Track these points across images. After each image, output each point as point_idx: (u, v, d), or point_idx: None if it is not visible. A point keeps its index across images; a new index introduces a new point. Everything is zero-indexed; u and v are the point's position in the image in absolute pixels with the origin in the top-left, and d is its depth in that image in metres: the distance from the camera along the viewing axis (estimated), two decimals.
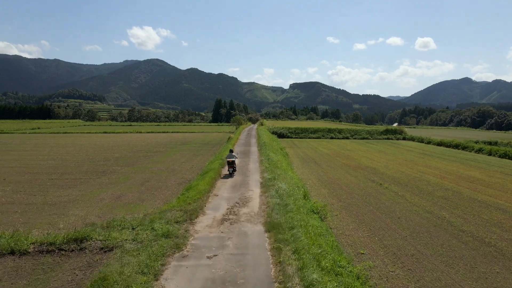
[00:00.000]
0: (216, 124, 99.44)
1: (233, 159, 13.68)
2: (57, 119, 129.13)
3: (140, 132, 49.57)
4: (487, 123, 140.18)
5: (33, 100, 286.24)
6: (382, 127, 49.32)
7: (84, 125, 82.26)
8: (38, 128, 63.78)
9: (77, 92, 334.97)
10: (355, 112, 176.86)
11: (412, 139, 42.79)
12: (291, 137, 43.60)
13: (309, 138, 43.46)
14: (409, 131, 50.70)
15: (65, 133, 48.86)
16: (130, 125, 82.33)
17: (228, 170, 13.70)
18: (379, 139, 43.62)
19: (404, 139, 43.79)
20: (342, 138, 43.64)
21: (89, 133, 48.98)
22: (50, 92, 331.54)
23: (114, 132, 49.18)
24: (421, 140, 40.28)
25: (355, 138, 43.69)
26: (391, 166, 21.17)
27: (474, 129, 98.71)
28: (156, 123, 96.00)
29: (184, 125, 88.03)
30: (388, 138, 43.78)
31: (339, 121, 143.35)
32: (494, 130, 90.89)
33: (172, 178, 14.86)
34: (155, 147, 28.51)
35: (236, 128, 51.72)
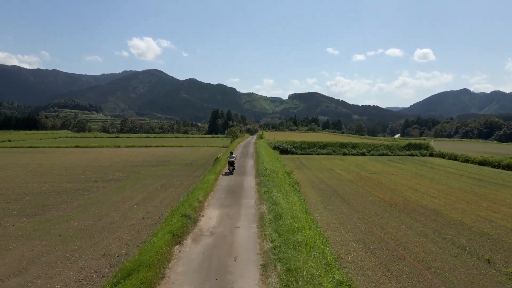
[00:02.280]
0: (211, 135, 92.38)
1: (233, 160, 16.61)
2: (44, 130, 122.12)
3: (118, 147, 42.23)
4: (495, 134, 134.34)
5: (28, 110, 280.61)
6: (403, 141, 42.09)
7: (66, 137, 74.95)
8: (9, 141, 56.37)
9: (73, 102, 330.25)
10: (358, 123, 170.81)
11: (441, 155, 35.65)
12: (296, 153, 36.40)
13: (318, 154, 36.27)
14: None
15: (30, 147, 41.50)
16: (117, 137, 75.10)
17: (229, 168, 16.44)
18: (402, 155, 36.46)
19: (431, 155, 36.63)
20: (357, 154, 36.44)
21: (59, 147, 41.63)
22: (48, 102, 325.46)
23: (87, 147, 41.82)
24: (454, 157, 33.16)
25: (372, 155, 36.51)
26: (459, 206, 13.89)
27: (491, 141, 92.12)
28: (146, 135, 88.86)
29: (175, 137, 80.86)
30: (412, 155, 36.59)
31: (342, 132, 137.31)
32: (510, 143, 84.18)
33: (84, 256, 7.46)
34: (118, 170, 21.18)
35: (231, 142, 44.46)
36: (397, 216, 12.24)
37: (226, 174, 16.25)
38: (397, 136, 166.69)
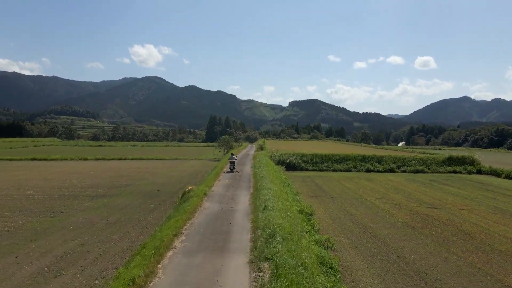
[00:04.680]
0: (206, 144, 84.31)
1: (233, 160, 19.70)
2: (29, 137, 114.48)
3: (85, 159, 34.24)
4: (507, 142, 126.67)
5: (24, 116, 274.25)
6: (441, 154, 33.55)
7: (42, 145, 67.01)
8: None
9: (70, 108, 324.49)
10: (363, 130, 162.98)
11: (494, 173, 27.57)
12: (307, 169, 28.34)
13: (334, 170, 28.24)
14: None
15: None
16: (100, 146, 67.18)
17: (230, 167, 19.53)
18: (442, 172, 28.35)
19: (479, 172, 28.56)
20: (384, 171, 28.40)
21: (11, 160, 33.67)
22: (46, 109, 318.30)
23: (45, 159, 33.83)
24: None
25: (404, 171, 28.43)
26: None
27: (507, 150, 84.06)
28: (133, 143, 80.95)
29: (166, 145, 72.90)
30: (455, 172, 28.52)
31: (346, 140, 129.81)
32: None
33: None
34: (28, 208, 13.16)
35: (225, 153, 36.27)
36: None
37: (228, 172, 18.61)
38: (401, 144, 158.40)
